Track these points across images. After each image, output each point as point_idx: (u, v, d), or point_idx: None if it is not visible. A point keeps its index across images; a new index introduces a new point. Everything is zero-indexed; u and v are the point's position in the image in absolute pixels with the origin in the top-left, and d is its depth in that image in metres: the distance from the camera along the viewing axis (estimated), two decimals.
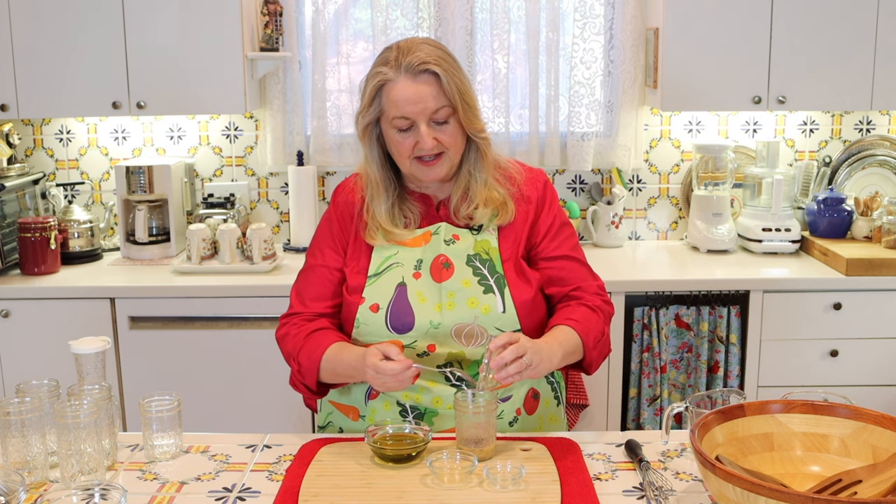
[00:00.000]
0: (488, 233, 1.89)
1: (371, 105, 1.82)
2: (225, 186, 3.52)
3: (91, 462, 1.61)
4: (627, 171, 3.54)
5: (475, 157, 1.88)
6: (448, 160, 1.84)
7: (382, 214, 1.88)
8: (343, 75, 3.44)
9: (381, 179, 1.88)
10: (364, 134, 1.86)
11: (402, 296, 1.84)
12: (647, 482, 1.61)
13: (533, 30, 3.37)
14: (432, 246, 1.87)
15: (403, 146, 1.81)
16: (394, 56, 1.79)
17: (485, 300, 1.83)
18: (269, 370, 3.03)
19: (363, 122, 1.84)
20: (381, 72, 1.79)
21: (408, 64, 1.77)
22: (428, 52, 1.78)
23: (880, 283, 3.01)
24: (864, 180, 3.51)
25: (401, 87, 1.77)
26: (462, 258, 1.86)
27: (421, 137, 1.79)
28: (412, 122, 1.79)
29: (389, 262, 1.87)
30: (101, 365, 1.74)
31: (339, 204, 1.96)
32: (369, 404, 1.90)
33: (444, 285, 1.84)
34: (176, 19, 3.12)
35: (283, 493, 1.58)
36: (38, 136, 3.53)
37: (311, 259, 1.97)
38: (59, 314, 3.00)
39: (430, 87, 1.77)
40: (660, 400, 3.10)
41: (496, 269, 1.86)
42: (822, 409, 1.58)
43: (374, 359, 1.70)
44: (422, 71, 1.77)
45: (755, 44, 3.14)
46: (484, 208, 1.87)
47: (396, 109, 1.78)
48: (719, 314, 3.05)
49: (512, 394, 1.89)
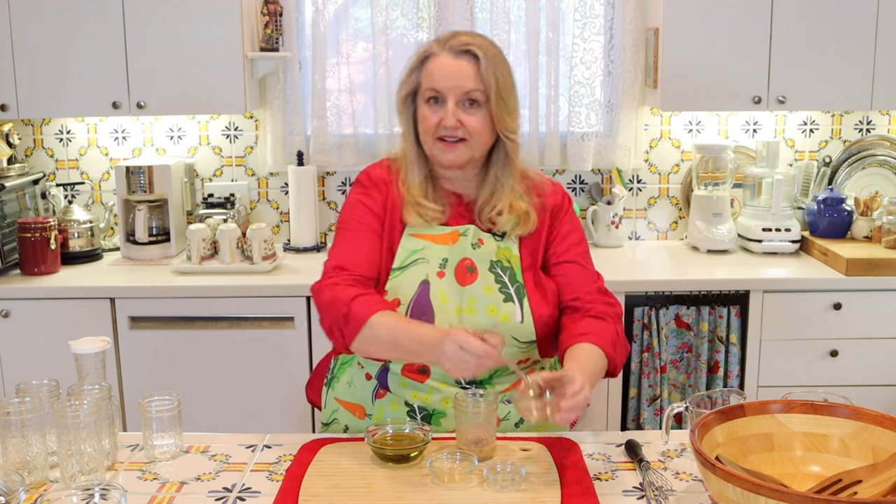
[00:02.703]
0: (510, 241, 1.89)
1: (411, 75, 1.87)
2: (225, 186, 3.52)
3: (91, 462, 1.61)
4: (627, 171, 3.54)
5: (503, 161, 1.88)
6: (469, 148, 1.83)
7: (416, 187, 1.88)
8: (343, 75, 3.44)
9: (415, 155, 1.89)
10: (402, 107, 1.89)
11: (424, 294, 1.83)
12: (647, 482, 1.61)
13: (533, 30, 3.37)
14: (459, 247, 1.87)
15: (429, 121, 1.83)
16: (444, 37, 1.86)
17: (504, 308, 1.84)
18: (269, 370, 3.03)
19: (401, 92, 1.88)
20: (428, 46, 1.87)
21: (453, 43, 1.83)
22: (475, 39, 1.84)
23: (880, 283, 3.01)
24: (864, 180, 3.51)
25: (440, 62, 1.82)
26: (486, 263, 1.86)
27: (446, 114, 1.81)
28: (442, 98, 1.82)
29: (416, 256, 1.87)
30: (101, 365, 1.74)
31: (373, 181, 1.92)
32: (376, 403, 1.90)
33: (466, 289, 1.84)
34: (176, 19, 3.12)
35: (283, 493, 1.58)
36: (38, 136, 3.53)
37: (349, 225, 1.90)
38: (59, 314, 3.00)
39: (469, 68, 1.81)
40: (660, 400, 3.10)
41: (516, 277, 1.87)
42: (822, 409, 1.58)
43: (464, 334, 1.64)
44: (464, 51, 1.81)
45: (755, 44, 3.14)
46: (508, 215, 1.87)
47: (430, 80, 1.83)
48: (719, 314, 3.05)
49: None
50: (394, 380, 1.88)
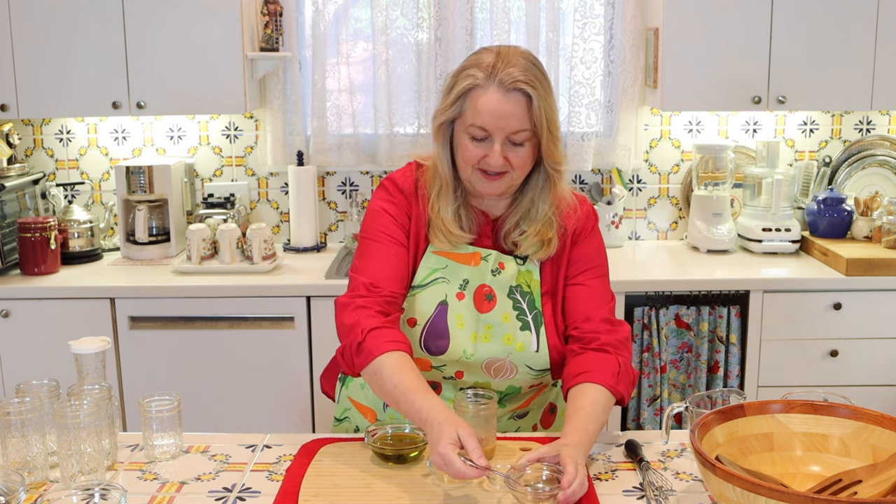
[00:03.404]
0: (532, 264, 1.84)
1: (454, 105, 1.73)
2: (225, 186, 3.52)
3: (91, 462, 1.61)
4: (627, 171, 3.54)
5: (543, 185, 1.79)
6: (509, 179, 1.75)
7: (449, 216, 1.79)
8: (343, 75, 3.44)
9: (450, 180, 1.79)
10: (438, 131, 1.77)
11: (441, 315, 1.79)
12: (647, 482, 1.61)
13: (533, 30, 3.37)
14: (479, 271, 1.82)
15: (471, 154, 1.73)
16: (491, 62, 1.70)
17: (520, 337, 1.80)
18: (269, 370, 3.03)
19: (440, 118, 1.76)
20: (473, 75, 1.71)
21: (503, 76, 1.68)
22: (525, 69, 1.69)
23: (880, 283, 3.01)
24: (864, 180, 3.51)
25: (489, 98, 1.69)
26: (504, 290, 1.81)
27: (492, 153, 1.71)
28: (488, 135, 1.71)
29: (436, 274, 1.82)
30: (101, 365, 1.74)
31: (401, 190, 1.84)
32: (388, 410, 1.90)
33: (483, 317, 1.80)
34: (176, 19, 3.12)
35: (283, 493, 1.58)
36: (38, 136, 3.53)
37: (376, 236, 1.83)
38: (59, 314, 3.00)
39: (519, 107, 1.69)
40: (660, 400, 3.10)
41: (535, 304, 1.82)
42: (822, 409, 1.58)
43: (451, 448, 1.51)
44: (515, 89, 1.68)
45: (755, 44, 3.14)
46: (534, 239, 1.81)
47: (478, 118, 1.70)
48: (719, 314, 3.05)
49: (529, 410, 1.89)
50: None
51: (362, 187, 3.55)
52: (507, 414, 1.87)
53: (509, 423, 1.88)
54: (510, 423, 1.88)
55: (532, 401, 1.90)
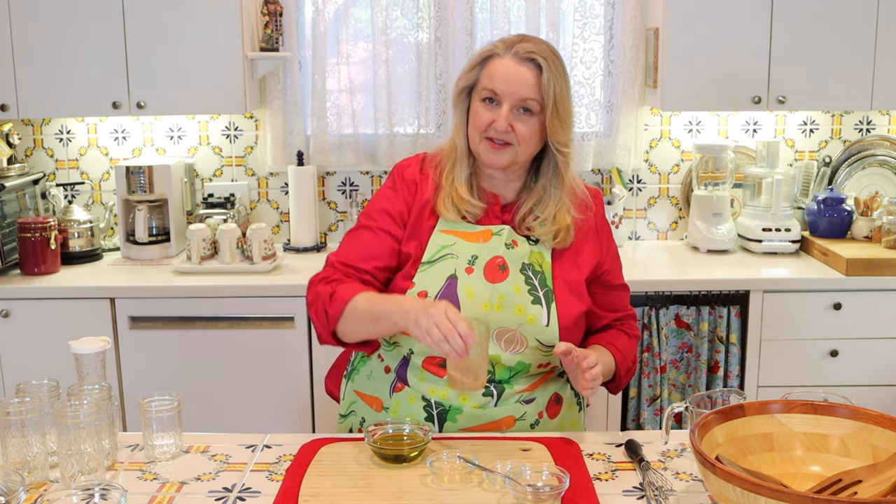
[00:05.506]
0: (544, 247, 1.90)
1: (471, 71, 1.87)
2: (225, 186, 3.52)
3: (91, 462, 1.61)
4: (627, 171, 3.54)
5: (553, 172, 1.90)
6: (513, 153, 1.84)
7: (462, 181, 1.89)
8: (343, 75, 3.44)
9: (465, 148, 1.90)
10: (457, 99, 1.90)
11: (451, 288, 1.83)
12: (647, 482, 1.61)
13: (533, 30, 3.36)
14: (491, 245, 1.87)
15: (480, 118, 1.84)
16: (511, 39, 1.86)
17: (531, 310, 1.84)
18: (269, 370, 3.03)
19: (459, 84, 1.89)
20: (494, 45, 1.86)
21: (518, 48, 1.83)
22: (540, 47, 1.83)
23: (880, 283, 3.01)
24: (864, 180, 3.51)
25: (502, 64, 1.83)
26: (517, 264, 1.87)
27: (499, 117, 1.81)
28: (498, 101, 1.82)
29: (445, 251, 1.87)
30: (101, 365, 1.74)
31: (405, 180, 1.95)
32: (394, 396, 1.90)
33: (497, 287, 1.84)
34: (176, 19, 3.12)
35: (283, 493, 1.59)
36: (38, 136, 3.53)
37: (366, 221, 1.95)
38: (59, 314, 3.00)
39: (530, 75, 1.81)
40: (660, 400, 3.10)
41: (546, 282, 1.87)
42: (822, 409, 1.58)
43: (447, 304, 1.67)
44: (528, 59, 1.82)
45: (755, 43, 3.14)
46: (550, 225, 1.88)
47: (490, 81, 1.83)
48: (719, 314, 3.05)
49: (536, 396, 1.89)
50: (413, 373, 1.87)
51: (362, 187, 3.55)
52: (515, 397, 1.87)
53: (516, 408, 1.88)
54: (517, 408, 1.88)
55: (539, 385, 1.90)
